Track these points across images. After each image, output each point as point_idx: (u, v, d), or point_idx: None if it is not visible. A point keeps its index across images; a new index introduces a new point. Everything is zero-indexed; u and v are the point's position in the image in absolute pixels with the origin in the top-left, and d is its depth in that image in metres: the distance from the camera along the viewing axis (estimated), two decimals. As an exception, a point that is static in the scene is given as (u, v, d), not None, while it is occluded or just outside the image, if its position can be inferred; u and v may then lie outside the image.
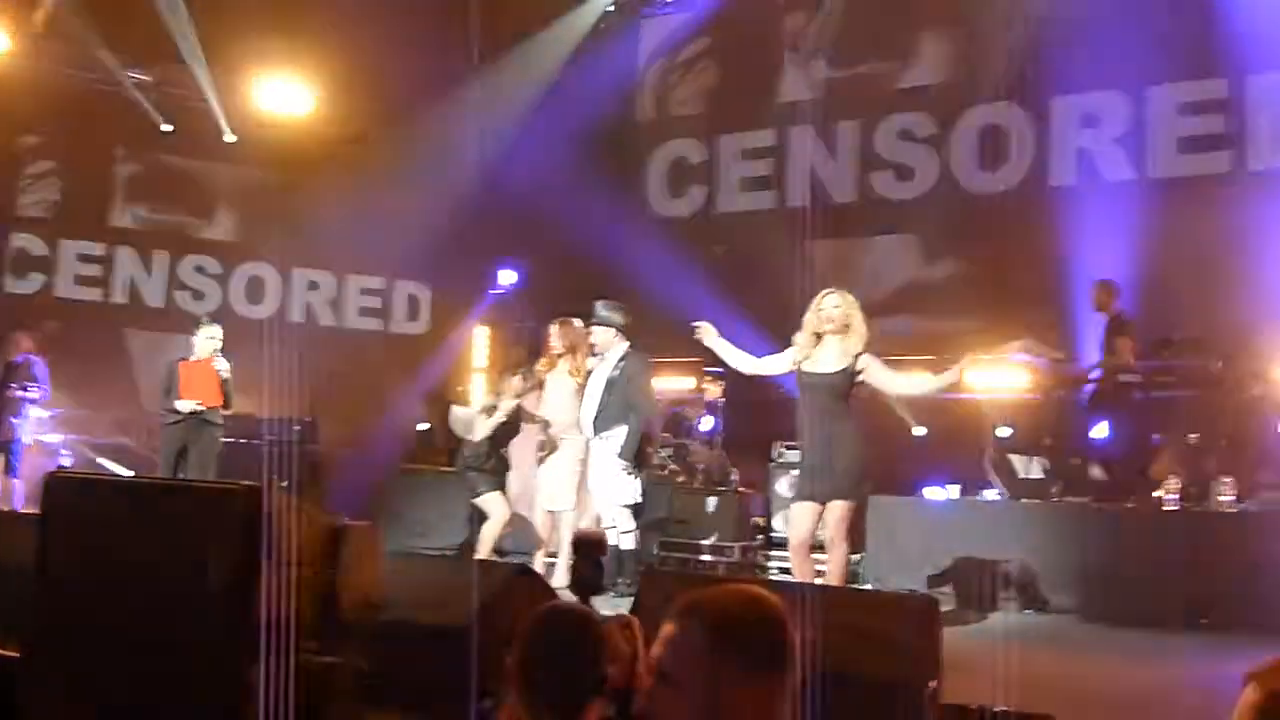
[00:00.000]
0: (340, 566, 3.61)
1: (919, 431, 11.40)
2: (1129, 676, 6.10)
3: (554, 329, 8.50)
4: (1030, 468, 9.22)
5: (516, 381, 8.59)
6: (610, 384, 8.02)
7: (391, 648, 3.62)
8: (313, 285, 13.63)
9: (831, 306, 6.51)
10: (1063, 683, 5.44)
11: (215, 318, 10.16)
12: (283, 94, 12.71)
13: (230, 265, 13.31)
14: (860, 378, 6.47)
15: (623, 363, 8.07)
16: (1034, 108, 10.93)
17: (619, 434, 7.90)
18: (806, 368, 6.51)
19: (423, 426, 12.34)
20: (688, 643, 1.94)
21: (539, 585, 4.21)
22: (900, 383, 6.79)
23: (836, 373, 6.42)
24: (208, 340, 9.46)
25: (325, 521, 3.62)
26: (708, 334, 6.76)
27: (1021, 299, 10.29)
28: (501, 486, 8.45)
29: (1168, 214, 10.19)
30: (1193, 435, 9.09)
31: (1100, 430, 9.26)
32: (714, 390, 11.38)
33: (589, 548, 2.89)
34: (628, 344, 8.17)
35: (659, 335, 12.82)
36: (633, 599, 2.75)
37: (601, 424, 7.99)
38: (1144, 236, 10.26)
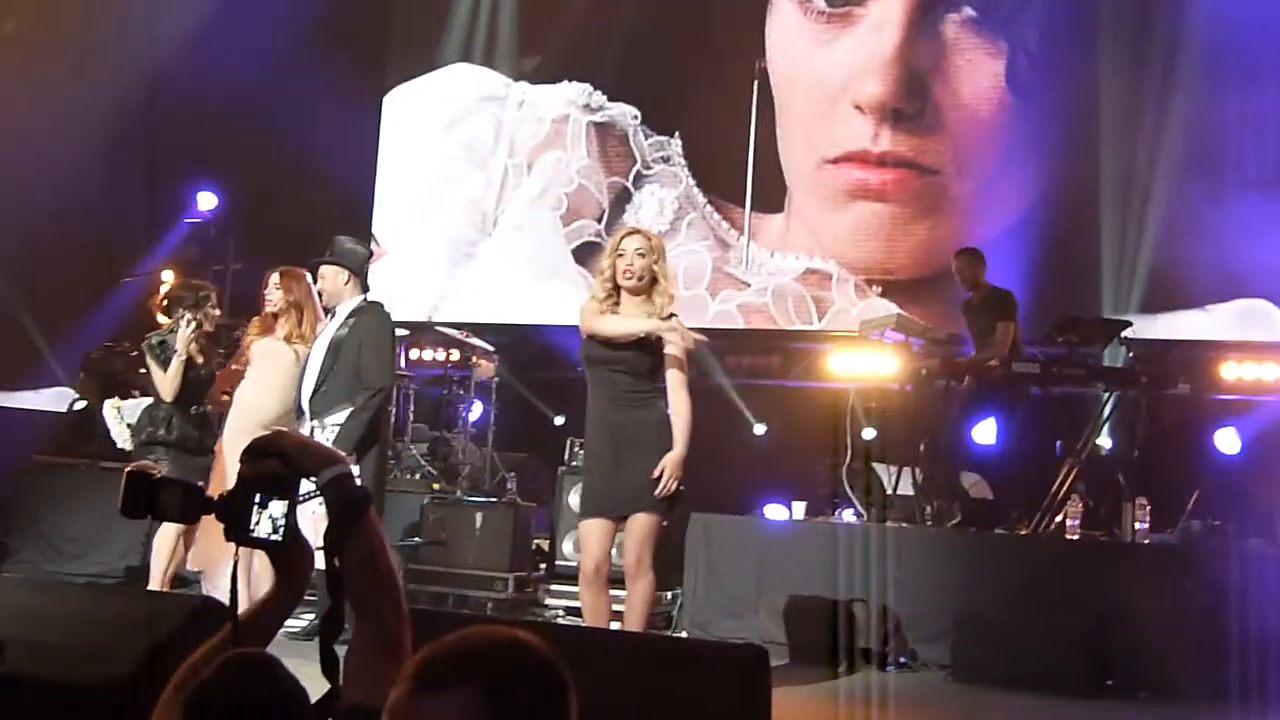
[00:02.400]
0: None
1: (759, 430, 11.59)
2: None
3: (272, 280, 8.20)
4: (899, 481, 9.41)
5: (186, 329, 8.31)
6: (335, 349, 7.64)
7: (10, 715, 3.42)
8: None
9: (634, 251, 6.47)
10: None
11: None
12: None
13: None
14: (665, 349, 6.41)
15: (353, 319, 7.73)
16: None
17: (340, 420, 7.49)
18: (595, 337, 6.47)
19: (78, 404, 11.91)
20: None
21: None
22: (678, 400, 6.46)
23: (632, 340, 6.40)
24: None
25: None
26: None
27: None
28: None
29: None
30: (1103, 444, 9.44)
31: (986, 434, 9.53)
32: (486, 367, 11.30)
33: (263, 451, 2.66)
34: (363, 296, 7.91)
35: (406, 288, 12.88)
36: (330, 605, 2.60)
37: (321, 404, 7.56)
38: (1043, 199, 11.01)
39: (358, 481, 2.56)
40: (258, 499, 2.44)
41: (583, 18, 13.07)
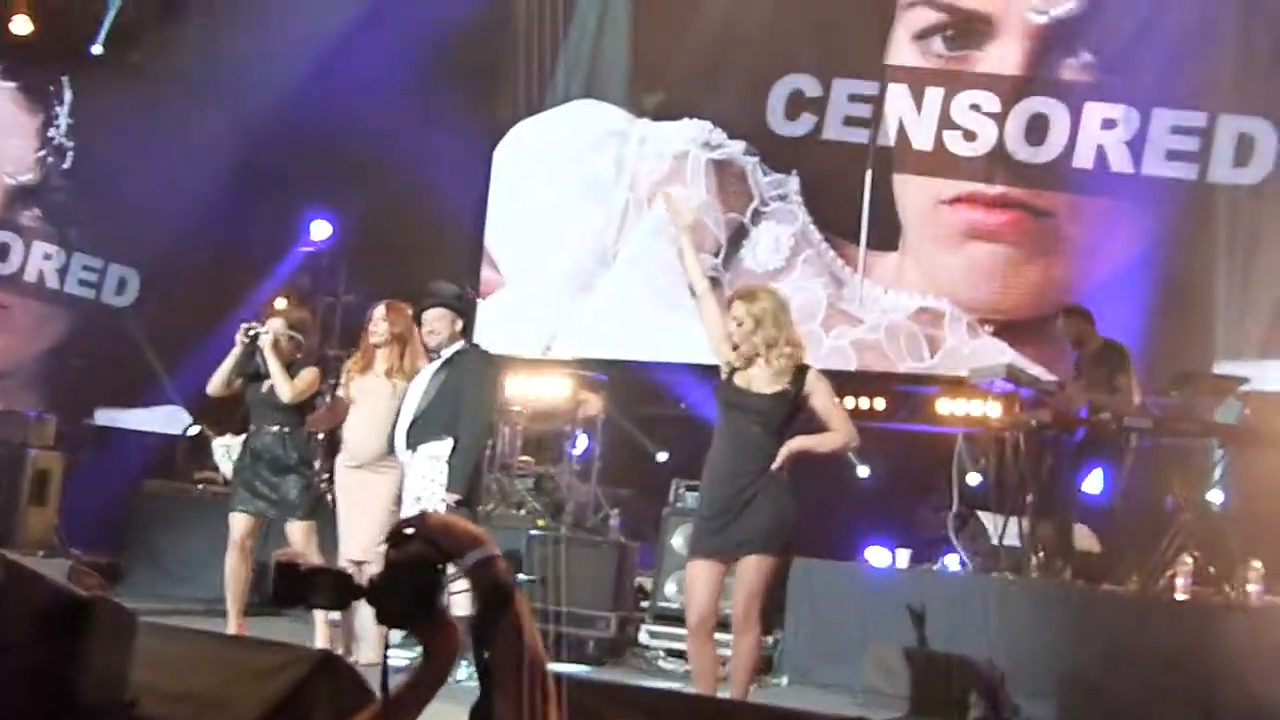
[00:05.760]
0: (80, 653, 3.55)
1: (862, 472, 11.62)
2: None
3: (378, 313, 8.36)
4: (1005, 531, 9.41)
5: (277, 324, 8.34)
6: (436, 387, 7.82)
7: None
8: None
9: (735, 322, 6.48)
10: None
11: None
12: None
13: None
14: (811, 404, 6.46)
15: (455, 360, 7.90)
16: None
17: (438, 449, 7.71)
18: (738, 381, 6.49)
19: (191, 430, 12.18)
20: None
21: (349, 683, 4.21)
22: (845, 428, 6.65)
23: (773, 395, 6.41)
24: None
25: (60, 591, 3.56)
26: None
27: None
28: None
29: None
30: (1214, 499, 9.38)
31: (1094, 484, 9.50)
32: (593, 403, 11.39)
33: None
34: (464, 341, 8.05)
35: (525, 318, 13.07)
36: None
37: (416, 436, 7.76)
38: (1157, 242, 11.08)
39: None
40: (410, 583, 2.47)
41: (700, 55, 13.20)
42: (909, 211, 12.26)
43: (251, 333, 8.30)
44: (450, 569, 2.53)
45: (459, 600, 2.57)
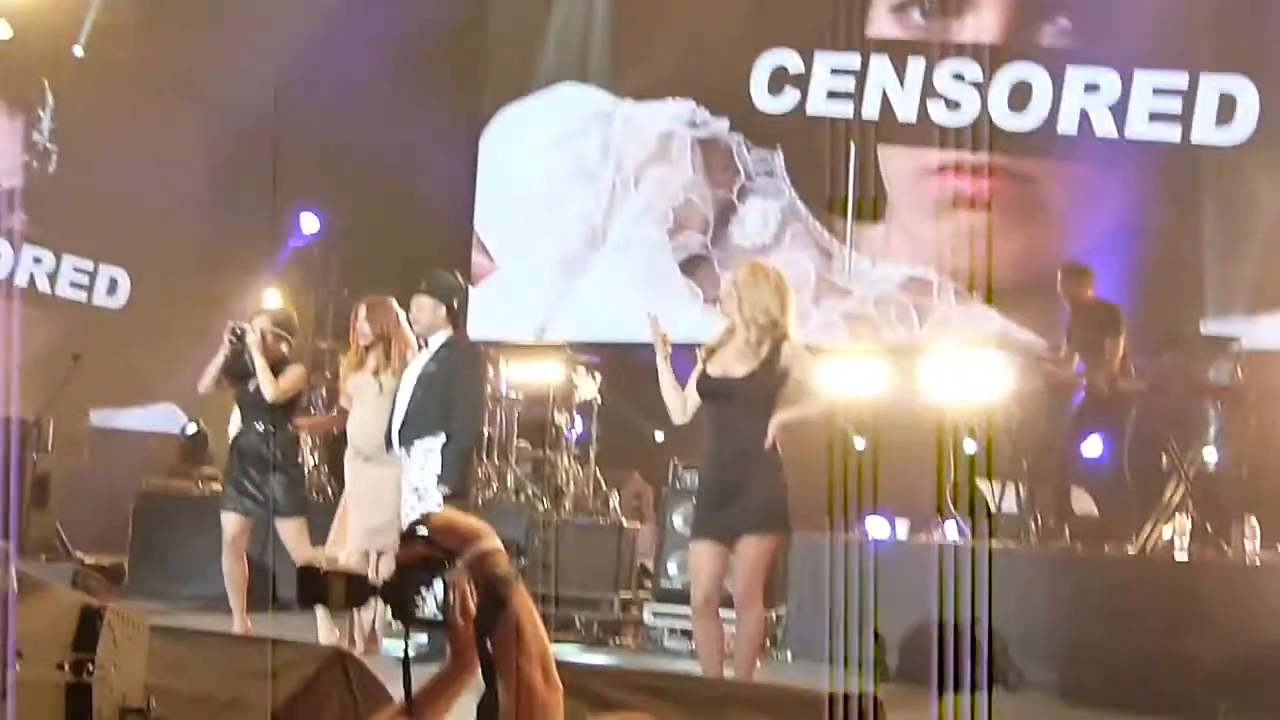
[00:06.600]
0: (96, 662, 3.57)
1: (859, 444, 11.62)
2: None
3: (360, 311, 8.40)
4: (1002, 498, 9.44)
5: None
6: (426, 381, 7.88)
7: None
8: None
9: (732, 287, 6.54)
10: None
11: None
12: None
13: None
14: (791, 378, 6.46)
15: (443, 352, 7.97)
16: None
17: (429, 447, 7.79)
18: (711, 370, 6.49)
19: (190, 429, 12.17)
20: None
21: (363, 680, 4.24)
22: (822, 394, 6.76)
23: (746, 376, 6.41)
24: None
25: (73, 600, 3.58)
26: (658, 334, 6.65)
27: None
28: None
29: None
30: (1210, 458, 9.41)
31: (1090, 448, 9.54)
32: (587, 386, 11.39)
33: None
34: (451, 330, 8.10)
35: (518, 303, 13.10)
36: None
37: (408, 433, 7.83)
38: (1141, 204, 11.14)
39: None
40: (419, 581, 2.51)
41: (682, 34, 13.19)
42: (894, 182, 12.29)
43: (237, 331, 8.33)
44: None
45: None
